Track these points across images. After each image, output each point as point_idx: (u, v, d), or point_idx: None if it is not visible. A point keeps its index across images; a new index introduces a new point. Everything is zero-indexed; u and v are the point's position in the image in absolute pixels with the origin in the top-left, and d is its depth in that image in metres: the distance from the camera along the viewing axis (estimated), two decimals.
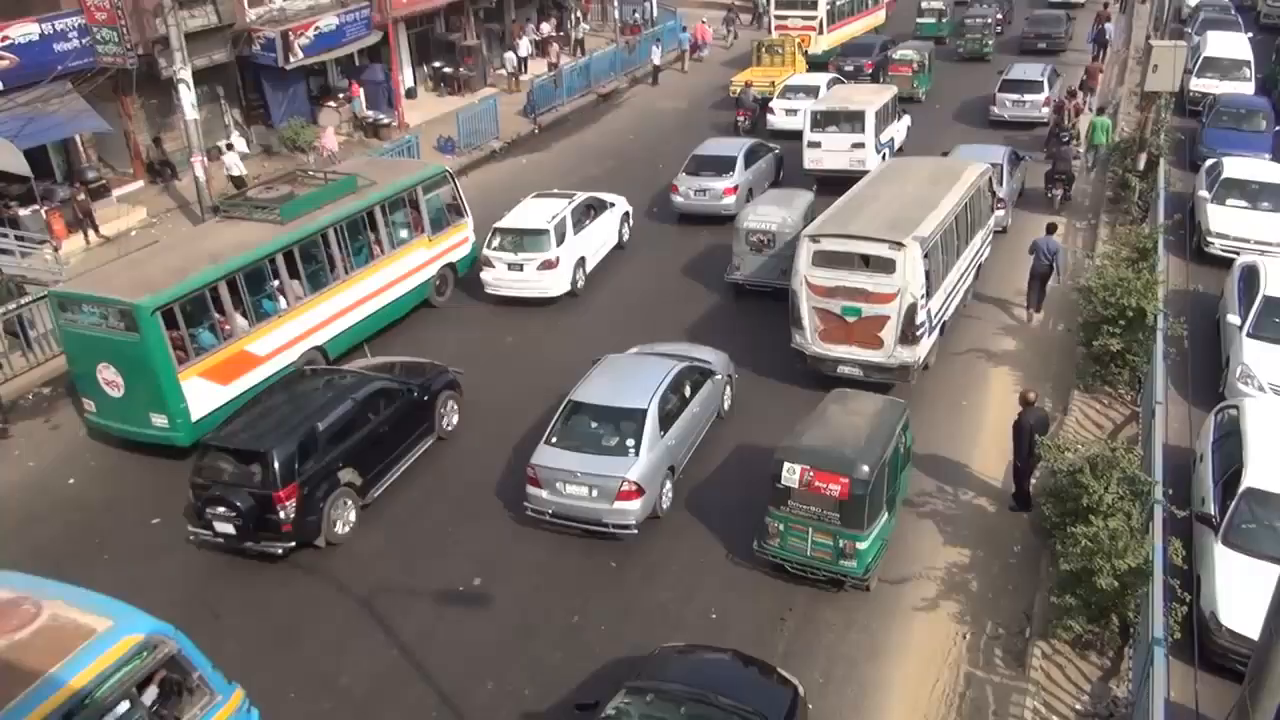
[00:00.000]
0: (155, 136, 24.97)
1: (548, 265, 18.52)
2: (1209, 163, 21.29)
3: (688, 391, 13.71)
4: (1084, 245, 20.45)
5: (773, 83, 29.68)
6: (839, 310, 14.69)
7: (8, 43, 20.59)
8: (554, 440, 12.74)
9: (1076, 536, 10.16)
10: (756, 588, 11.70)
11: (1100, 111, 25.49)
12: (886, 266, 14.31)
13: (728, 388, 15.09)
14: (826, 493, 10.88)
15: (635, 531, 12.35)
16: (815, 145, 23.54)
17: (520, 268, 18.57)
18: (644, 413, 12.65)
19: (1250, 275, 15.81)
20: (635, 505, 12.21)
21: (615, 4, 39.92)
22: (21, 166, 19.79)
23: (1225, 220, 19.19)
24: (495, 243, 18.79)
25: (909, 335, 14.45)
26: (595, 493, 12.23)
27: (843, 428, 11.67)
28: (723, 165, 22.15)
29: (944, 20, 37.93)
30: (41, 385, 16.74)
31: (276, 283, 15.68)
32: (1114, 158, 22.93)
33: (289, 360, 15.72)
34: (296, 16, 26.90)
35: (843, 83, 28.78)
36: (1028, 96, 27.39)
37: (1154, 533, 10.13)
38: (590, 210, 20.11)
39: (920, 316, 14.40)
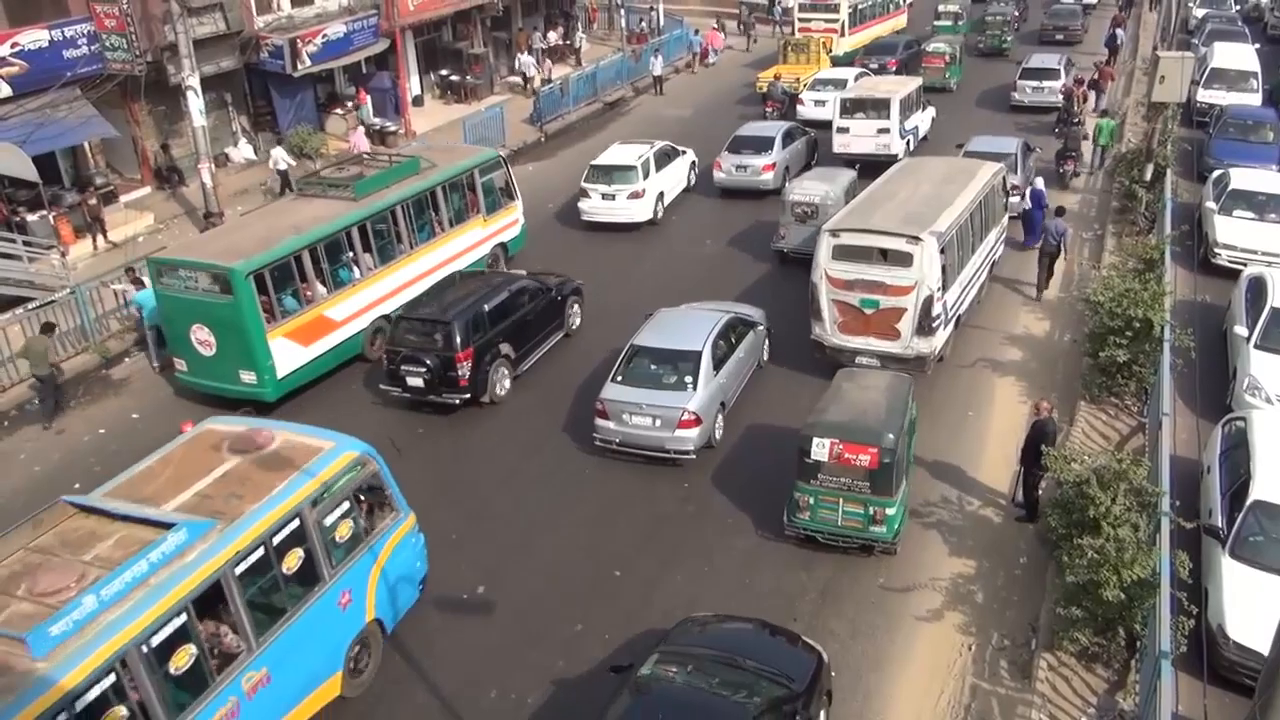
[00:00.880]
0: (163, 143, 25.07)
1: (635, 195, 22.25)
2: (1216, 174, 21.25)
3: (734, 339, 15.35)
4: (1090, 256, 20.42)
5: (798, 79, 31.27)
6: (857, 302, 15.17)
7: (18, 49, 20.68)
8: (619, 379, 14.36)
9: (1083, 548, 10.11)
10: (763, 595, 11.69)
11: (1104, 114, 25.87)
12: (904, 260, 14.76)
13: (766, 340, 16.59)
14: (856, 463, 11.53)
15: (694, 456, 13.97)
16: (844, 130, 25.21)
17: (612, 197, 22.26)
18: (699, 354, 14.31)
19: (1257, 286, 15.75)
20: (694, 433, 13.82)
21: (622, 13, 40.02)
22: (30, 172, 19.85)
23: (1232, 231, 19.13)
24: (591, 177, 22.48)
25: (925, 327, 14.89)
26: (658, 422, 13.86)
27: (861, 402, 12.33)
28: (762, 144, 24.14)
29: (960, 23, 38.99)
30: None
31: (350, 254, 16.91)
32: (1120, 168, 22.91)
33: (360, 327, 17.14)
34: (304, 24, 27.01)
35: (869, 76, 29.98)
36: (1045, 83, 29.45)
37: (1161, 545, 10.08)
38: (667, 155, 23.78)
39: (936, 309, 14.85)
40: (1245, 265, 17.67)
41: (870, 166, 22.64)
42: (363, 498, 10.77)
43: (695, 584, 11.93)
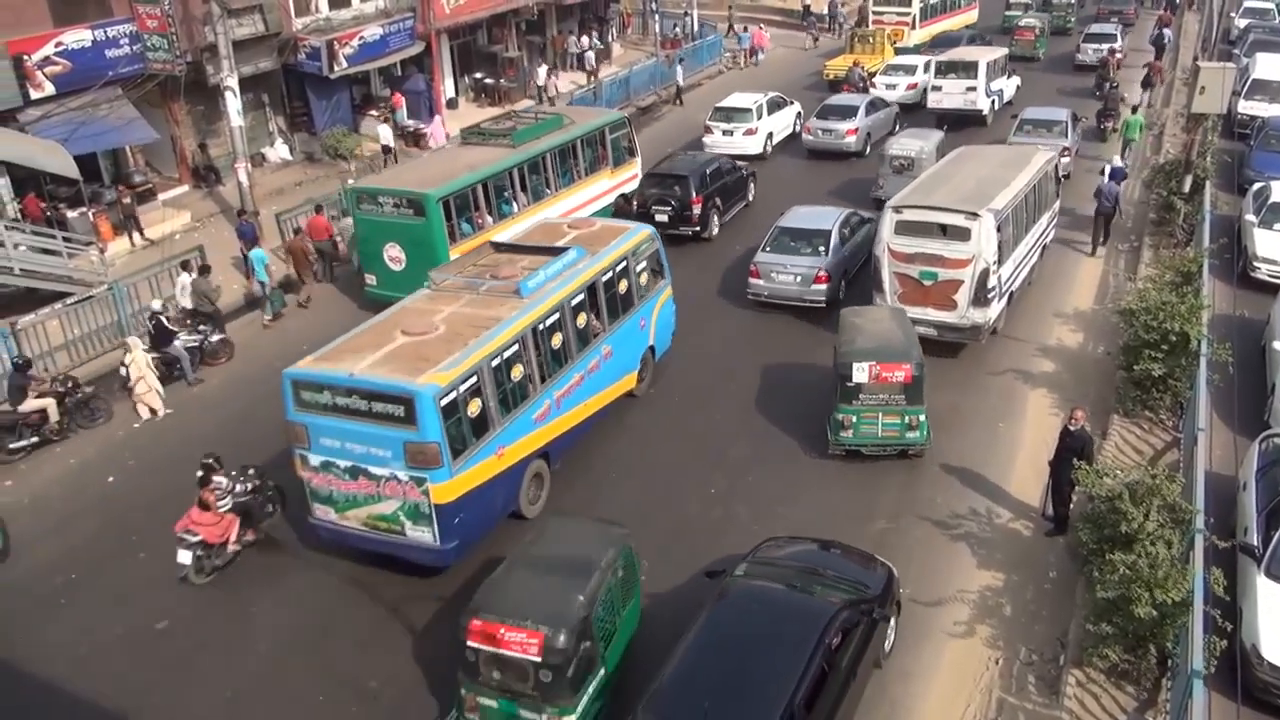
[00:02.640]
0: (201, 142, 25.40)
1: (749, 132, 27.28)
2: (1256, 186, 20.95)
3: (853, 226, 19.65)
4: (1126, 268, 20.19)
5: (862, 66, 34.06)
6: (917, 274, 16.23)
7: (61, 49, 21.04)
8: (767, 249, 18.88)
9: (1114, 564, 9.97)
10: None
11: (1134, 110, 26.66)
12: (962, 235, 15.88)
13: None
14: (893, 380, 13.51)
15: (825, 305, 17.95)
16: (937, 89, 29.28)
17: (731, 134, 27.19)
18: (829, 231, 18.79)
19: None
20: (825, 288, 18.16)
21: (656, 18, 40.12)
22: (71, 169, 20.20)
23: (1273, 245, 18.85)
24: (714, 117, 27.60)
25: (981, 298, 15.96)
26: (798, 279, 18.25)
27: (880, 331, 14.46)
28: (847, 111, 27.62)
29: (1029, 14, 41.97)
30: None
31: (509, 192, 19.92)
32: (1158, 179, 22.64)
33: None
34: (342, 26, 27.29)
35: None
36: (1105, 45, 34.78)
37: (1195, 563, 9.93)
38: (777, 104, 28.69)
39: (991, 281, 15.91)
40: None
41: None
42: (646, 262, 15.85)
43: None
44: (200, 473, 12.81)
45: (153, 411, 16.16)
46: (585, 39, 38.20)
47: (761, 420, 15.46)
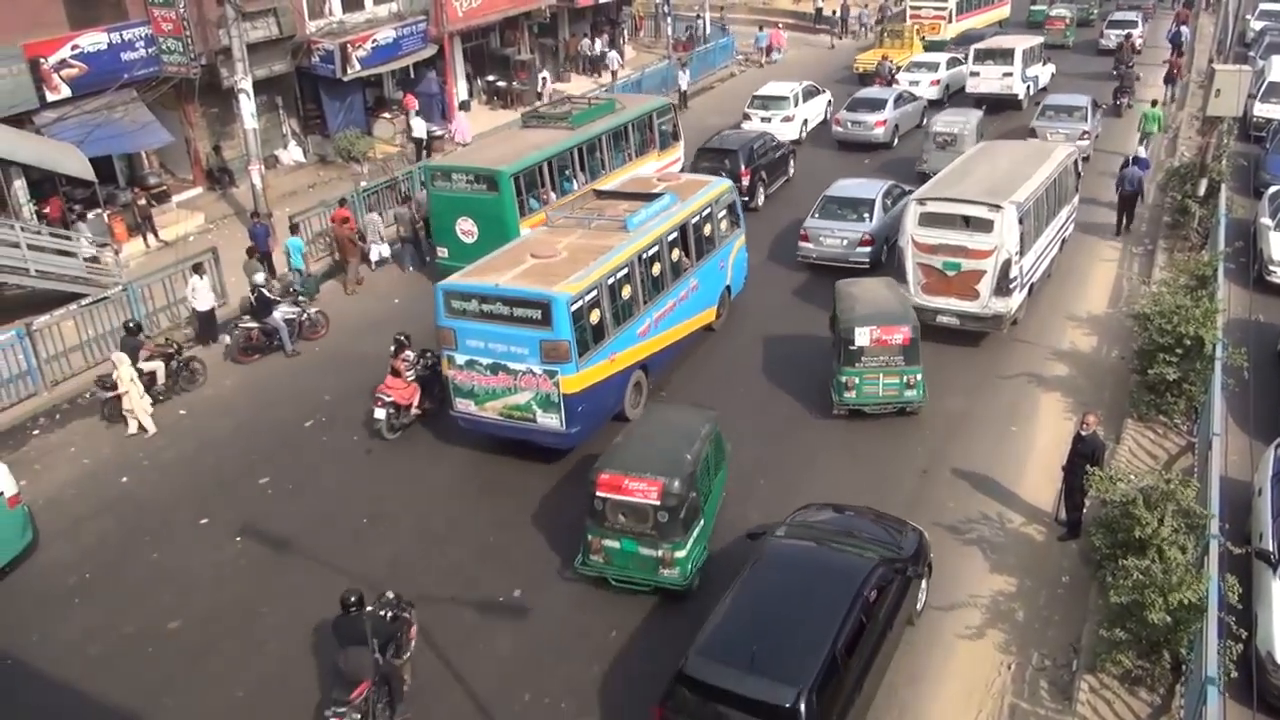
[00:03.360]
0: (215, 144, 25.53)
1: (786, 119, 28.86)
2: (1272, 190, 20.77)
3: (892, 199, 20.87)
4: (1140, 271, 20.08)
5: (891, 59, 35.39)
6: (940, 265, 16.65)
7: (77, 51, 21.18)
8: (816, 215, 20.69)
9: (1128, 569, 9.92)
10: None
11: (1154, 104, 26.62)
12: (985, 226, 16.25)
13: None
14: (892, 343, 14.55)
15: (869, 266, 19.51)
16: (975, 74, 31.07)
17: (770, 120, 28.55)
18: (874, 200, 20.55)
19: None
20: (869, 249, 19.86)
21: (668, 21, 40.14)
22: (86, 171, 20.32)
23: None
24: (753, 105, 29.31)
25: (1003, 288, 16.35)
26: (845, 242, 20.05)
27: (876, 299, 15.41)
28: (876, 104, 28.59)
29: (1059, 4, 43.82)
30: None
31: (570, 170, 21.15)
32: (1173, 182, 22.53)
33: None
34: (355, 29, 27.39)
35: (960, 63, 33.64)
36: (1125, 31, 36.98)
37: (1209, 568, 9.85)
38: (810, 93, 30.55)
39: (1013, 271, 16.31)
40: None
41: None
42: (726, 211, 18.11)
43: None
44: (393, 346, 15.44)
45: (141, 428, 15.74)
46: (598, 41, 38.24)
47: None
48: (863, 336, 14.55)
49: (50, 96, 20.86)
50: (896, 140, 28.58)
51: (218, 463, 15.01)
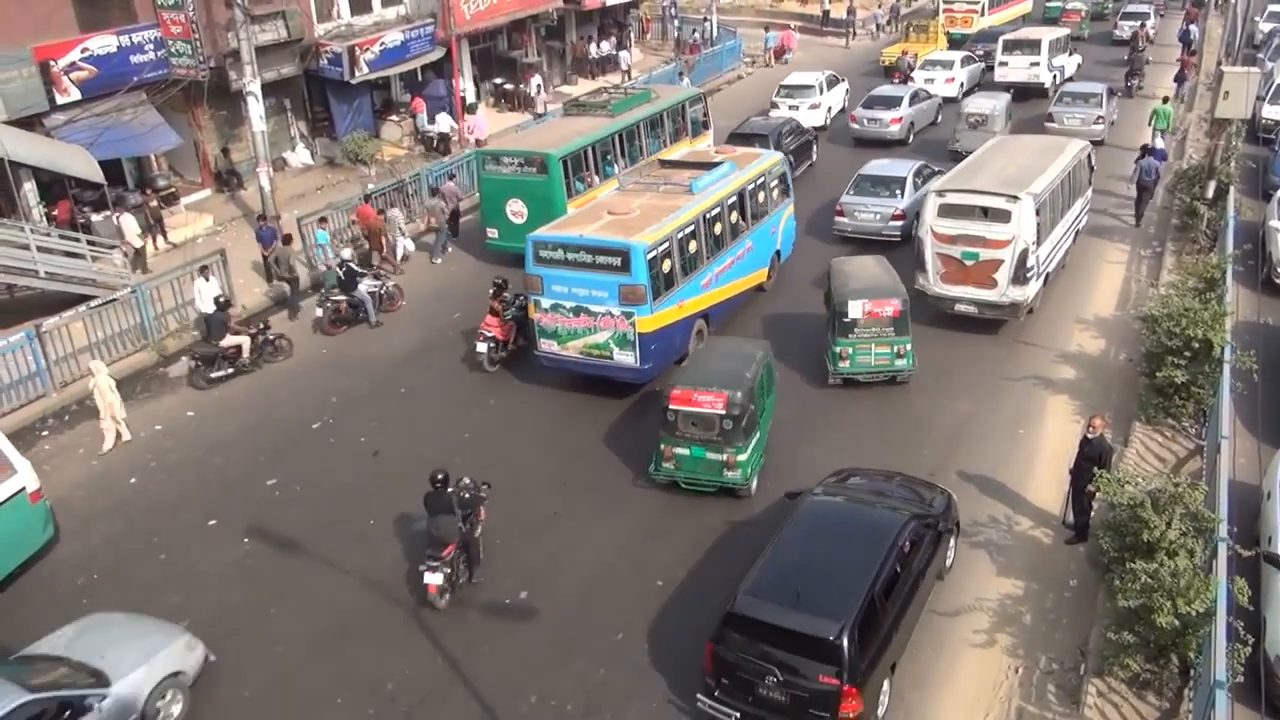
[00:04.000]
0: (223, 147, 25.61)
1: (814, 106, 30.79)
2: None
3: (922, 178, 22.17)
4: (1148, 274, 20.03)
5: (916, 54, 36.89)
6: (959, 255, 17.08)
7: (87, 54, 21.28)
8: (851, 191, 22.08)
9: (1136, 572, 9.88)
10: None
11: (1165, 100, 27.35)
12: (1003, 217, 16.71)
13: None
14: (883, 315, 15.51)
15: (899, 239, 20.88)
16: (1004, 64, 32.86)
17: (797, 107, 30.40)
18: (905, 178, 22.00)
19: None
20: (901, 224, 21.17)
21: (675, 23, 40.14)
22: (96, 174, 20.40)
23: None
24: (780, 94, 31.24)
25: (1020, 276, 16.76)
26: (878, 217, 21.52)
27: (868, 275, 16.37)
28: (892, 102, 29.37)
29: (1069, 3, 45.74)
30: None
31: (611, 155, 22.28)
32: (1181, 185, 22.48)
33: None
34: (363, 32, 27.47)
35: (974, 61, 35.26)
36: (1137, 21, 38.46)
37: (1218, 572, 9.82)
38: (832, 82, 32.47)
39: (1031, 260, 16.73)
40: None
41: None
42: (777, 181, 19.86)
43: None
44: (492, 289, 17.36)
45: (117, 435, 15.57)
46: (605, 44, 38.28)
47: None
48: (855, 309, 15.52)
49: (60, 99, 20.95)
50: (911, 137, 29.01)
51: (224, 463, 15.07)
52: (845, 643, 9.18)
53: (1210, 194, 20.96)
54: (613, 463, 14.66)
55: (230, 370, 17.36)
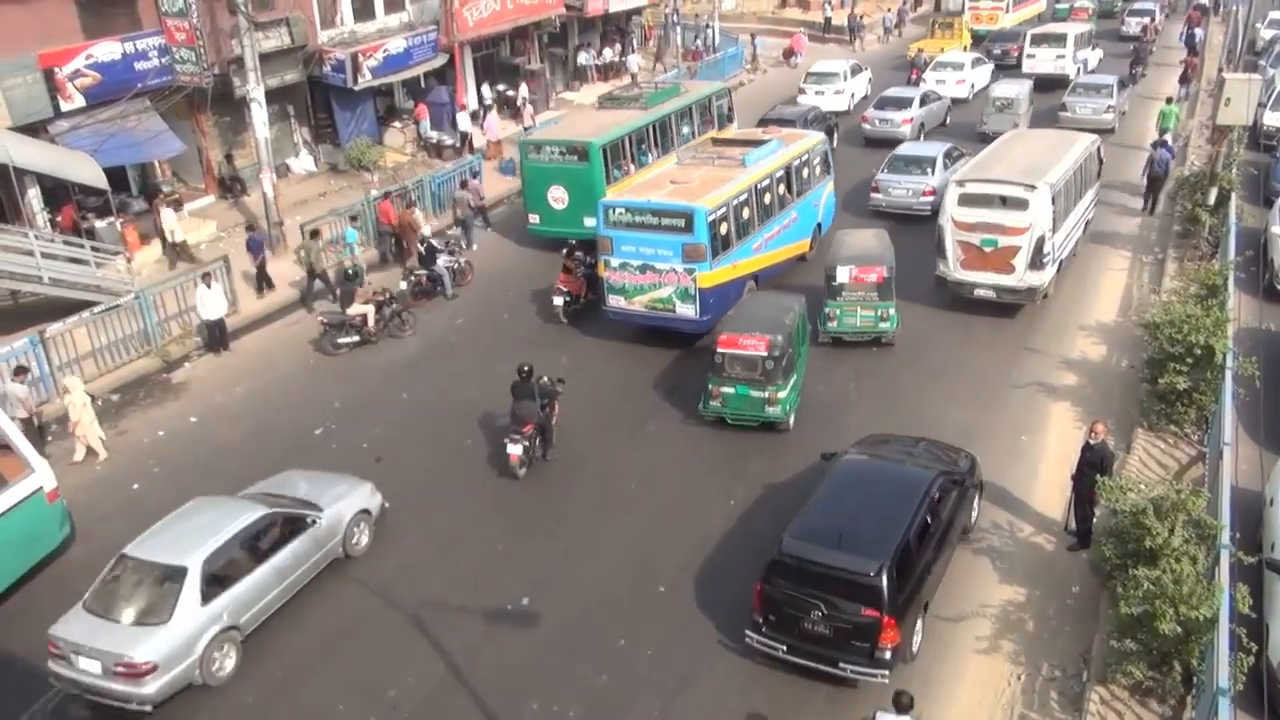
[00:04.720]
0: (227, 153, 25.67)
1: (838, 92, 33.35)
2: None
3: (952, 160, 23.69)
4: (1150, 280, 20.05)
5: (942, 49, 38.55)
6: (978, 242, 17.83)
7: (92, 61, 21.34)
8: (885, 171, 23.81)
9: (1138, 579, 9.88)
10: None
11: (1169, 101, 27.75)
12: (1021, 205, 17.49)
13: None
14: (868, 280, 16.88)
15: (930, 214, 21.54)
16: (1031, 56, 35.18)
17: (823, 93, 32.99)
18: (935, 158, 23.57)
19: None
20: (931, 199, 22.62)
21: (678, 30, 40.23)
22: (100, 180, 20.47)
23: None
24: (807, 80, 33.83)
25: (1037, 262, 17.55)
26: (910, 193, 23.27)
27: (862, 245, 17.73)
28: (902, 103, 30.24)
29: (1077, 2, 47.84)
30: (110, 392, 17.25)
31: (645, 145, 23.52)
32: (1183, 191, 22.50)
33: None
34: (366, 39, 27.54)
35: (984, 62, 36.46)
36: (1144, 19, 41.61)
37: (1220, 579, 9.81)
38: (855, 70, 34.86)
39: (1047, 247, 17.51)
40: None
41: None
42: (819, 159, 21.48)
43: None
44: (565, 250, 19.39)
45: (91, 452, 15.39)
46: (608, 50, 38.35)
47: None
48: (843, 274, 16.93)
49: (64, 106, 21.03)
50: (922, 137, 29.33)
51: (227, 469, 15.07)
52: (884, 579, 10.00)
53: (1212, 200, 20.97)
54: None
55: (357, 339, 18.52)
